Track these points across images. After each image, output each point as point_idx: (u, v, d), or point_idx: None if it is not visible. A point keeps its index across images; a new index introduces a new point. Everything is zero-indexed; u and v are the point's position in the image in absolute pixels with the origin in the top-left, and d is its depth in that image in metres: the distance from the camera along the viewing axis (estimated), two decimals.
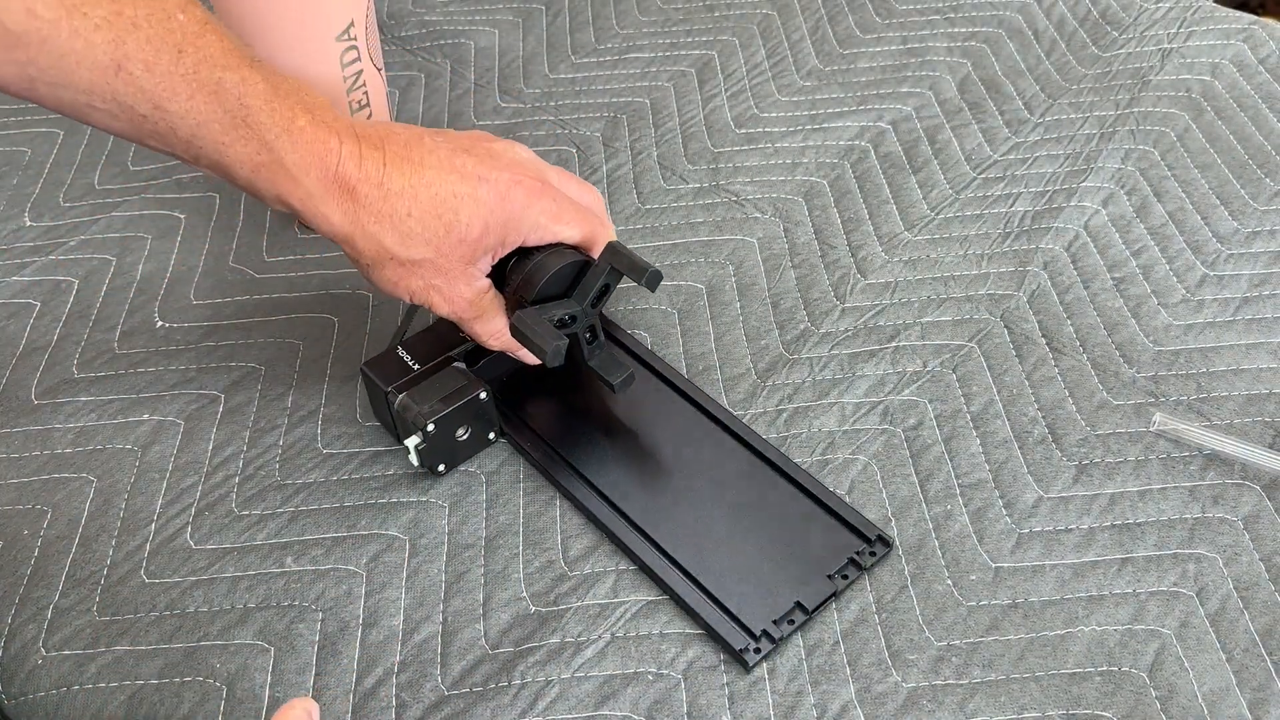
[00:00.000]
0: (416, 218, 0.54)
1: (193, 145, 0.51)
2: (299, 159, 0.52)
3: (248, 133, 0.51)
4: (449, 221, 0.54)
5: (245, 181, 0.53)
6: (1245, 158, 0.76)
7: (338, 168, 0.52)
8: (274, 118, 0.51)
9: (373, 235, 0.54)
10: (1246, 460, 0.58)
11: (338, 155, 0.52)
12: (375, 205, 0.53)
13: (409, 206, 0.54)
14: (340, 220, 0.53)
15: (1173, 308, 0.67)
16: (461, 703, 0.52)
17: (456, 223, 0.54)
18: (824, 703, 0.51)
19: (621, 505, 0.58)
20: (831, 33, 0.89)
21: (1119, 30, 0.87)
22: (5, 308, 0.72)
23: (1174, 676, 0.51)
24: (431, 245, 0.54)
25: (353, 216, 0.53)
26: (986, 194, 0.75)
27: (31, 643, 0.56)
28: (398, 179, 0.53)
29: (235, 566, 0.58)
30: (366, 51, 0.68)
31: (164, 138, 0.51)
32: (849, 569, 0.55)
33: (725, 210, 0.75)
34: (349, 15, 0.65)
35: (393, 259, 0.55)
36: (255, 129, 0.51)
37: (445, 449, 0.59)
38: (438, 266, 0.55)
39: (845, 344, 0.66)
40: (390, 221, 0.54)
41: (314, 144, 0.52)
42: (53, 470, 0.63)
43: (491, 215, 0.55)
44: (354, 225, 0.53)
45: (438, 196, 0.54)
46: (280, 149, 0.51)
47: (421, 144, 0.55)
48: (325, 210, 0.53)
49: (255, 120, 0.51)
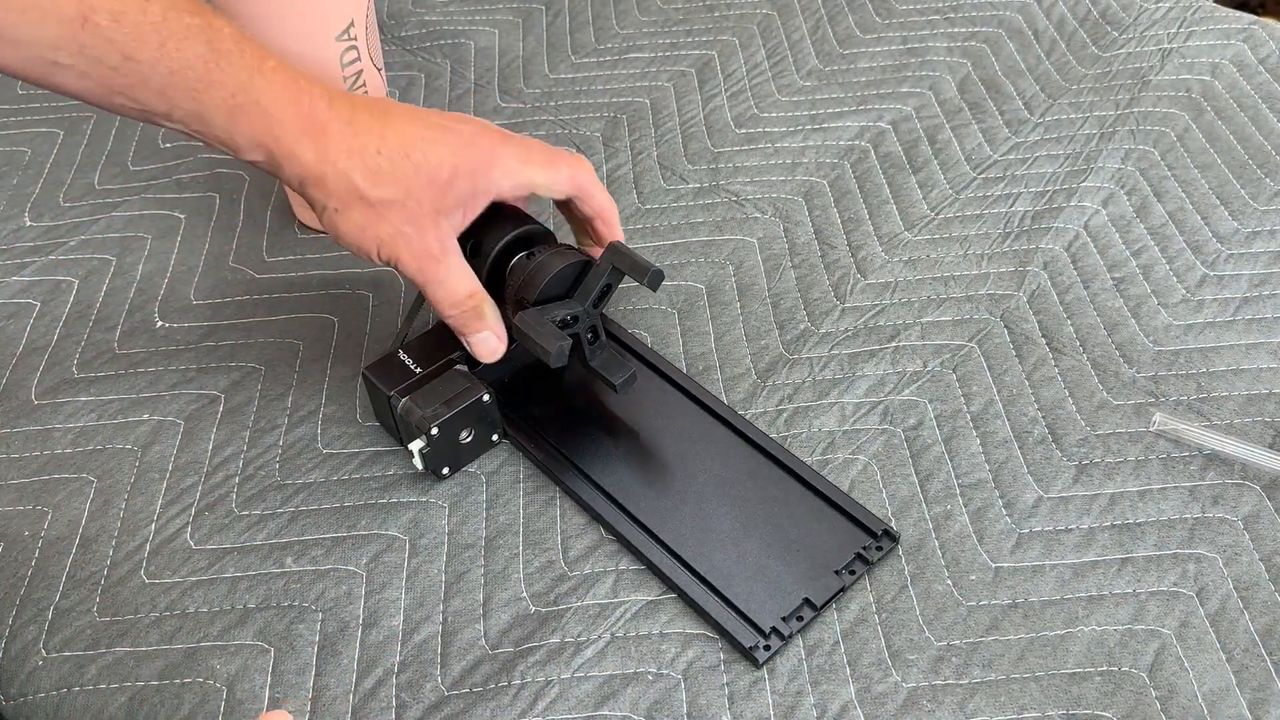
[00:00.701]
0: (386, 155, 0.54)
1: (166, 95, 0.51)
2: (275, 97, 0.52)
3: (221, 76, 0.51)
4: (418, 161, 0.54)
5: (222, 128, 0.52)
6: (1245, 158, 0.76)
7: (310, 106, 0.53)
8: (245, 59, 0.51)
9: (343, 172, 0.53)
10: (1246, 460, 0.58)
11: (309, 95, 0.53)
12: (345, 141, 0.53)
13: (378, 144, 0.54)
14: (312, 158, 0.53)
15: (1173, 308, 0.67)
16: (461, 703, 0.52)
17: (425, 162, 0.54)
18: (824, 703, 0.51)
19: (627, 505, 0.58)
20: (831, 33, 0.89)
21: (1119, 30, 0.87)
22: (5, 308, 0.72)
23: (1174, 676, 0.51)
24: (401, 185, 0.54)
25: (323, 153, 0.53)
26: (986, 194, 0.75)
27: (32, 644, 0.56)
28: (366, 119, 0.54)
29: (235, 567, 0.58)
30: (366, 51, 0.68)
31: (134, 92, 0.50)
32: (856, 564, 0.55)
33: (725, 210, 0.75)
34: (349, 15, 0.65)
35: (361, 199, 0.54)
36: (229, 70, 0.51)
37: (449, 452, 0.59)
38: (407, 210, 0.55)
39: (845, 344, 0.66)
40: (360, 157, 0.53)
41: (286, 84, 0.52)
42: (53, 471, 0.63)
43: (460, 158, 0.55)
44: (325, 162, 0.53)
45: (406, 137, 0.54)
46: (256, 88, 0.51)
47: (388, 102, 0.56)
48: (298, 149, 0.53)
49: (229, 63, 0.51)
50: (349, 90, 0.69)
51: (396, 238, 0.55)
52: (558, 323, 0.58)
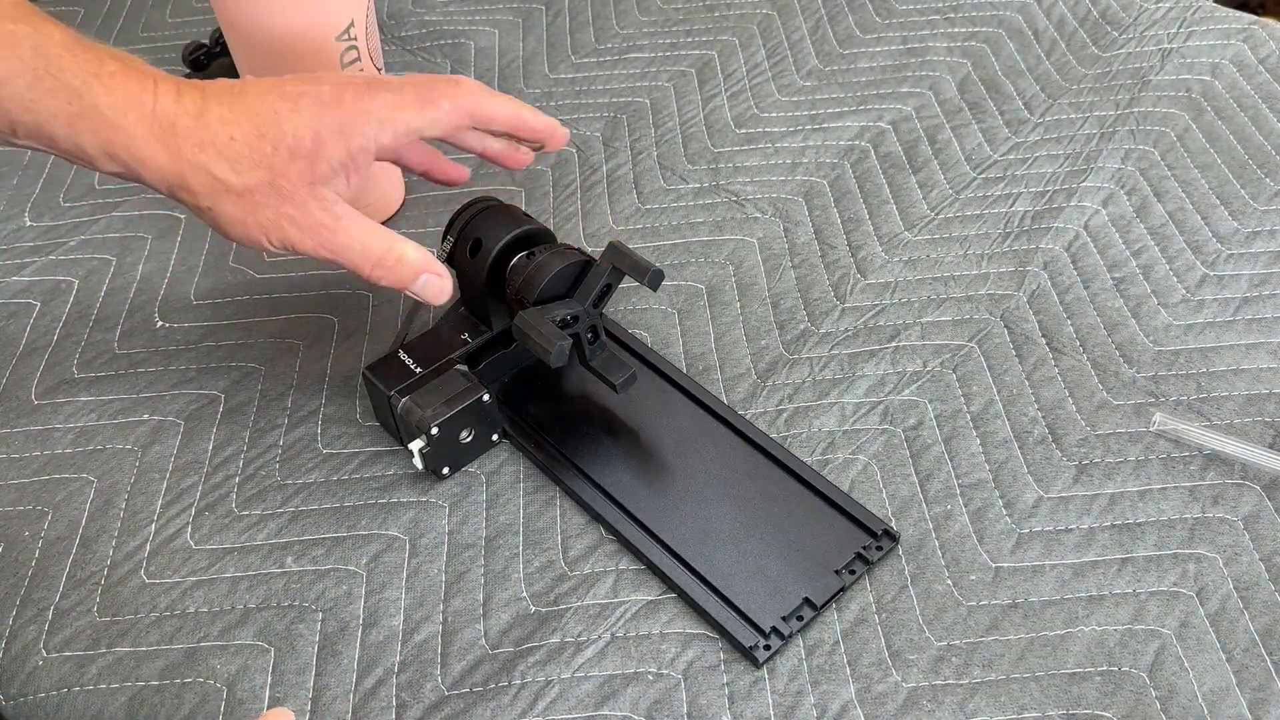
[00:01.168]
0: (240, 140, 0.51)
1: (1, 109, 0.49)
2: (114, 101, 0.49)
3: (53, 83, 0.48)
4: (274, 137, 0.51)
5: (66, 139, 0.50)
6: (1245, 158, 0.76)
7: (154, 105, 0.50)
8: (78, 63, 0.49)
9: (200, 164, 0.51)
10: (1246, 460, 0.58)
11: (154, 94, 0.50)
12: (196, 134, 0.51)
13: (230, 131, 0.51)
14: (165, 160, 0.51)
15: (1173, 308, 0.67)
16: (461, 703, 0.52)
17: (282, 137, 0.51)
18: (824, 703, 0.51)
19: (627, 504, 0.58)
20: (831, 33, 0.89)
21: (1119, 30, 0.87)
22: (5, 308, 0.72)
23: (1174, 676, 0.51)
24: (263, 165, 0.51)
25: (176, 152, 0.51)
26: (986, 194, 0.75)
27: (32, 644, 0.56)
28: (216, 108, 0.51)
29: (235, 567, 0.58)
30: (367, 52, 0.67)
31: None
32: (856, 564, 0.55)
33: (725, 210, 0.75)
34: (349, 15, 0.65)
35: (228, 190, 0.51)
36: (60, 77, 0.49)
37: (449, 451, 0.59)
38: (280, 191, 0.52)
39: (845, 344, 0.66)
40: (214, 148, 0.51)
41: (128, 85, 0.50)
42: (53, 471, 0.63)
43: (321, 122, 0.52)
44: (180, 161, 0.51)
45: (258, 115, 0.51)
46: (91, 94, 0.49)
47: (246, 82, 0.53)
48: (149, 154, 0.51)
49: (59, 68, 0.48)
50: None
51: (280, 220, 0.52)
52: (558, 322, 0.58)
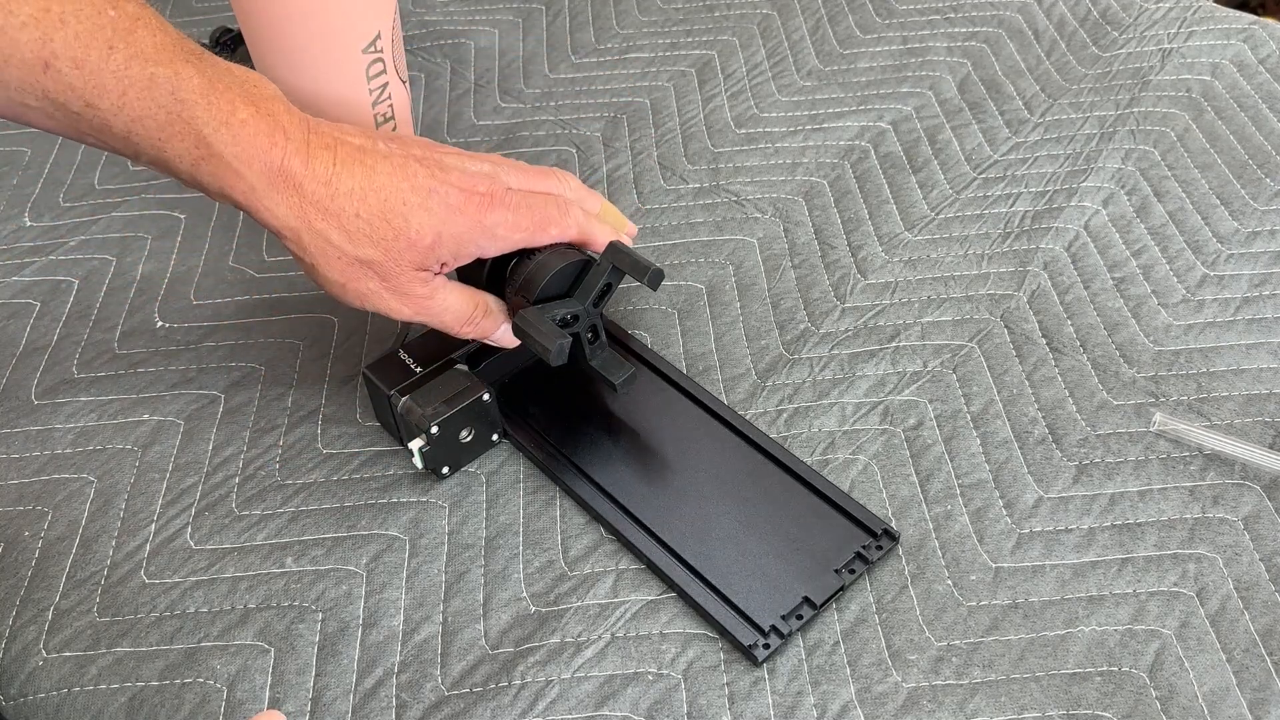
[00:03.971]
0: (365, 219, 0.53)
1: (130, 142, 0.50)
2: (240, 151, 0.50)
3: (184, 128, 0.50)
4: (398, 227, 0.53)
5: (188, 177, 0.52)
6: (1245, 158, 0.76)
7: (283, 162, 0.51)
8: (211, 111, 0.50)
9: (319, 231, 0.52)
10: (1246, 460, 0.58)
11: (283, 150, 0.51)
12: (323, 202, 0.52)
13: (357, 207, 0.52)
14: (285, 214, 0.52)
15: (1173, 308, 0.67)
16: (461, 703, 0.52)
17: (406, 228, 0.53)
18: (824, 703, 0.51)
19: (626, 504, 0.58)
20: (831, 33, 0.89)
21: (1119, 30, 0.87)
22: (5, 308, 0.72)
23: (1174, 676, 0.51)
24: (379, 246, 0.53)
25: (299, 211, 0.52)
26: (986, 194, 0.75)
27: (32, 644, 0.56)
28: (347, 180, 0.52)
29: (235, 567, 0.58)
30: (392, 63, 0.66)
31: (100, 135, 0.50)
32: (855, 563, 0.55)
33: (725, 210, 0.75)
34: (376, 26, 0.64)
35: (340, 257, 0.53)
36: (191, 124, 0.50)
37: (449, 451, 0.59)
38: (386, 270, 0.54)
39: (845, 344, 0.66)
40: (338, 220, 0.52)
41: (257, 136, 0.51)
42: (53, 471, 0.63)
43: (444, 226, 0.54)
44: (300, 220, 0.52)
45: (387, 202, 0.53)
46: (218, 143, 0.50)
47: (375, 149, 0.54)
48: (270, 204, 0.52)
49: (191, 115, 0.50)
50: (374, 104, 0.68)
51: (380, 292, 0.55)
52: (558, 322, 0.58)
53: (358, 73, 0.65)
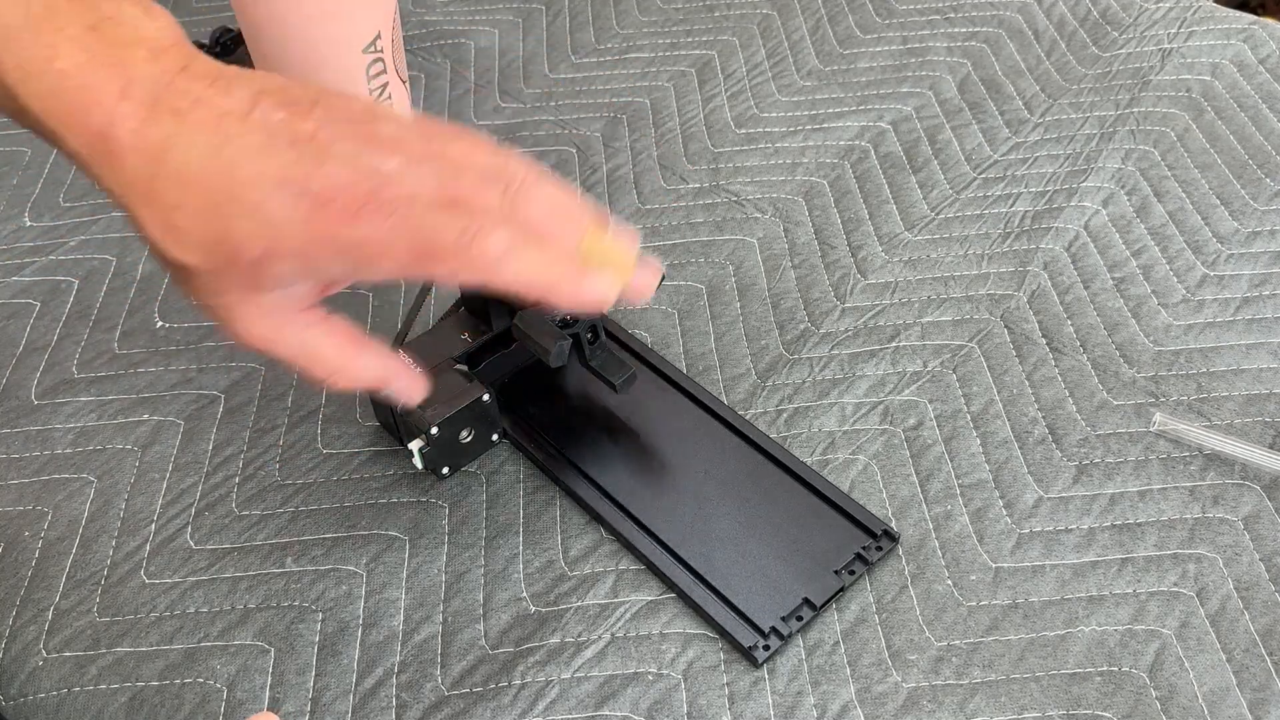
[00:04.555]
0: (187, 212, 0.39)
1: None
2: (50, 108, 0.39)
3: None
4: (220, 230, 0.39)
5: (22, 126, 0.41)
6: (1245, 158, 0.76)
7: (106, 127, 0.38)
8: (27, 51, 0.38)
9: (137, 222, 0.40)
10: (1246, 460, 0.58)
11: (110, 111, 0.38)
12: (142, 183, 0.39)
13: (179, 196, 0.38)
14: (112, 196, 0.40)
15: (1173, 308, 0.67)
16: (461, 703, 0.52)
17: (228, 234, 0.39)
18: (824, 703, 0.51)
19: (626, 504, 0.58)
20: (831, 33, 0.89)
21: (1119, 30, 0.87)
22: (5, 308, 0.72)
23: (1174, 676, 0.51)
24: (200, 251, 0.39)
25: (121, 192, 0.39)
26: (986, 194, 0.75)
27: (32, 644, 0.56)
28: (179, 153, 0.38)
29: (235, 567, 0.58)
30: (392, 63, 0.66)
31: None
32: (855, 564, 0.55)
33: (725, 210, 0.75)
34: (376, 26, 0.64)
35: (163, 258, 0.40)
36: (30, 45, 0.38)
37: (449, 451, 0.59)
38: (206, 285, 0.40)
39: (845, 344, 0.66)
40: (152, 209, 0.39)
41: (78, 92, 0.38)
42: (53, 471, 0.63)
43: (281, 238, 0.39)
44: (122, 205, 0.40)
45: (217, 193, 0.38)
46: (25, 95, 0.38)
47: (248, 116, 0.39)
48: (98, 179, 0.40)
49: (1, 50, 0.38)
50: None
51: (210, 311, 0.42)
52: (557, 322, 0.58)
53: (358, 73, 0.65)
